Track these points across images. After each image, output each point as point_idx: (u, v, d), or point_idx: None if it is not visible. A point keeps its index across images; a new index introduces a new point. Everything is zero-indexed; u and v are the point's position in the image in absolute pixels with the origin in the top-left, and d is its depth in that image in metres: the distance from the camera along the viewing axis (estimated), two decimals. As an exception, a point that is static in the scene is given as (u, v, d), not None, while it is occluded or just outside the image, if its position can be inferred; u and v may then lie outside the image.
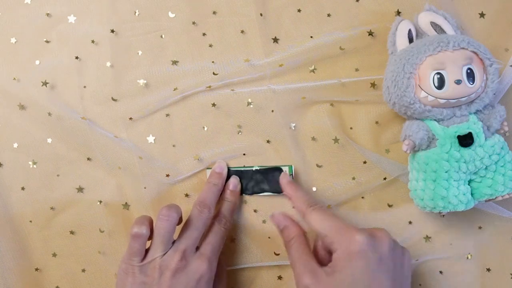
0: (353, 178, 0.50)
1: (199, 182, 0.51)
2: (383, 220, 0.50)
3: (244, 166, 0.51)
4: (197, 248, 0.46)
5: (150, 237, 0.45)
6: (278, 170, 0.50)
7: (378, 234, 0.42)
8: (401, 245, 0.43)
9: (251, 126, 0.51)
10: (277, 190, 0.50)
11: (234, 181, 0.50)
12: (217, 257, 0.46)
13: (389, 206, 0.50)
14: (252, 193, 0.51)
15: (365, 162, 0.50)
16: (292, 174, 0.50)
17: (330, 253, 0.42)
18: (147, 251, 0.44)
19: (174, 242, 0.45)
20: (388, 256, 0.40)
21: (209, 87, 0.50)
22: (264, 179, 0.51)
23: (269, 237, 0.51)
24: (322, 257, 0.44)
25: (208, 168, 0.51)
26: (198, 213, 0.46)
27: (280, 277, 0.51)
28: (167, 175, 0.51)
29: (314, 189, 0.51)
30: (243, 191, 0.51)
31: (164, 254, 0.43)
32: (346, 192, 0.50)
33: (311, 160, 0.51)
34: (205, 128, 0.51)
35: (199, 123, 0.51)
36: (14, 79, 0.51)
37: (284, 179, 0.49)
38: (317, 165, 0.51)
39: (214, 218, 0.48)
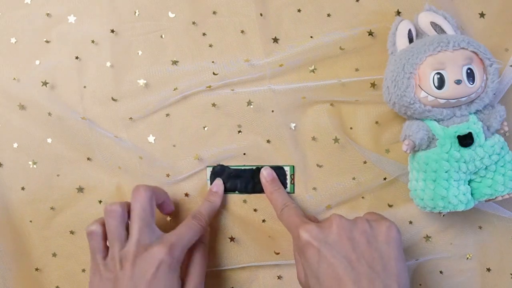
0: (353, 178, 0.50)
1: (199, 182, 0.51)
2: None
3: (244, 166, 0.51)
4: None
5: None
6: (278, 169, 0.50)
7: (325, 221, 0.43)
8: (376, 221, 0.43)
9: (251, 126, 0.51)
10: None
11: (217, 182, 0.51)
12: (183, 250, 0.45)
13: (389, 206, 0.51)
14: (252, 192, 0.51)
15: (365, 162, 0.50)
16: (293, 174, 0.50)
17: None
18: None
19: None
20: (337, 238, 0.41)
21: (209, 87, 0.50)
22: None
23: (269, 236, 0.51)
24: None
25: (208, 166, 0.51)
26: (134, 198, 0.45)
27: (280, 277, 0.51)
28: (167, 175, 0.51)
29: (314, 189, 0.51)
30: (243, 190, 0.51)
31: (121, 248, 0.43)
32: (346, 192, 0.50)
33: (311, 160, 0.51)
34: (205, 128, 0.51)
35: (199, 123, 0.51)
36: (14, 79, 0.51)
37: (263, 179, 0.50)
38: (317, 165, 0.51)
39: (191, 214, 0.48)
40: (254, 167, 0.51)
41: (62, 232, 0.52)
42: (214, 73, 0.50)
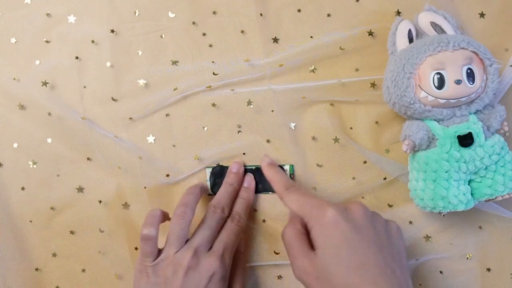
0: (353, 178, 0.50)
1: (199, 182, 0.51)
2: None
3: (244, 165, 0.51)
4: (211, 248, 0.46)
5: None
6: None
7: (351, 205, 0.42)
8: (384, 218, 0.43)
9: (251, 125, 0.51)
10: None
11: (248, 178, 0.50)
12: (231, 254, 0.46)
13: (389, 206, 0.51)
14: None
15: (365, 162, 0.50)
16: (293, 173, 0.50)
17: None
18: (161, 250, 0.45)
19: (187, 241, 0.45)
20: (365, 224, 0.40)
21: (209, 87, 0.50)
22: (263, 178, 0.50)
23: (269, 236, 0.51)
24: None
25: (207, 167, 0.51)
26: (211, 213, 0.47)
27: (279, 277, 0.51)
28: (167, 175, 0.51)
29: (314, 188, 0.51)
30: None
31: (177, 252, 0.44)
32: (346, 192, 0.50)
33: (311, 159, 0.51)
34: (205, 128, 0.51)
35: (199, 123, 0.51)
36: (14, 79, 0.51)
37: (264, 162, 0.49)
38: (317, 165, 0.51)
39: (228, 217, 0.48)
40: (253, 167, 0.51)
41: (62, 232, 0.52)
42: (214, 73, 0.50)
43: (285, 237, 0.43)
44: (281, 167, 0.50)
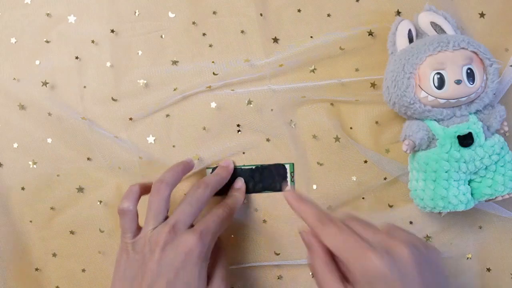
0: (354, 177, 0.50)
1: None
2: (384, 220, 0.50)
3: (243, 165, 0.51)
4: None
5: None
6: (277, 167, 0.50)
7: (395, 249, 0.37)
8: (424, 244, 0.39)
9: (250, 125, 0.51)
10: (276, 188, 0.50)
11: (239, 181, 0.51)
12: (213, 237, 0.44)
13: (390, 206, 0.51)
14: (252, 192, 0.51)
15: (365, 162, 0.50)
16: (293, 172, 0.50)
17: None
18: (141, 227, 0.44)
19: None
20: (412, 270, 0.36)
21: (209, 87, 0.50)
22: (263, 178, 0.51)
23: (270, 237, 0.51)
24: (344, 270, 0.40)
25: (208, 168, 0.51)
26: (193, 190, 0.45)
27: (280, 277, 0.51)
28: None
29: (314, 186, 0.51)
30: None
31: (154, 228, 0.43)
32: (347, 192, 0.50)
33: (312, 158, 0.51)
34: (205, 128, 0.51)
35: (199, 123, 0.51)
36: (14, 79, 0.51)
37: (289, 197, 0.43)
38: (318, 163, 0.50)
39: (216, 204, 0.47)
40: (253, 166, 0.51)
41: (62, 232, 0.52)
42: (214, 73, 0.50)
43: (315, 269, 0.40)
44: (282, 165, 0.50)
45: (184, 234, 0.42)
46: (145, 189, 0.46)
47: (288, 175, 0.50)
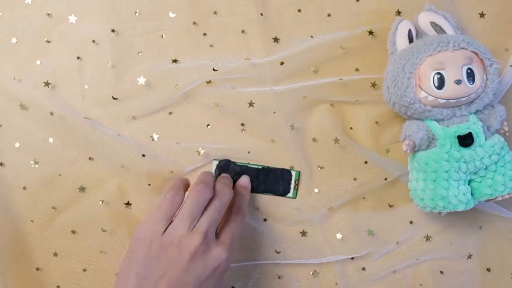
0: (355, 179, 0.50)
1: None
2: (384, 220, 0.51)
3: (248, 163, 0.51)
4: (217, 236, 0.43)
5: None
6: (283, 171, 0.50)
7: None
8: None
9: (253, 126, 0.51)
10: (279, 192, 0.51)
11: (245, 179, 0.50)
12: (235, 248, 0.44)
13: (390, 206, 0.51)
14: (255, 192, 0.51)
15: (366, 162, 0.50)
16: (298, 180, 0.50)
17: None
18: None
19: None
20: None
21: (209, 82, 0.50)
22: (267, 180, 0.51)
23: (270, 236, 0.51)
24: None
25: (214, 160, 0.51)
26: (221, 194, 0.44)
27: (280, 277, 0.51)
28: (171, 172, 0.51)
29: (316, 190, 0.51)
30: None
31: (187, 232, 0.41)
32: (348, 193, 0.50)
33: (313, 161, 0.51)
34: (209, 126, 0.51)
35: (202, 121, 0.51)
36: (15, 79, 0.51)
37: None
38: (319, 166, 0.51)
39: (229, 209, 0.46)
40: (260, 167, 0.51)
41: (64, 231, 0.52)
42: (214, 69, 0.50)
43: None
44: (288, 171, 0.50)
45: (215, 247, 0.41)
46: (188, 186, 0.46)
47: (293, 182, 0.50)
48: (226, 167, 0.51)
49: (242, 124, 0.51)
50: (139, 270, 0.40)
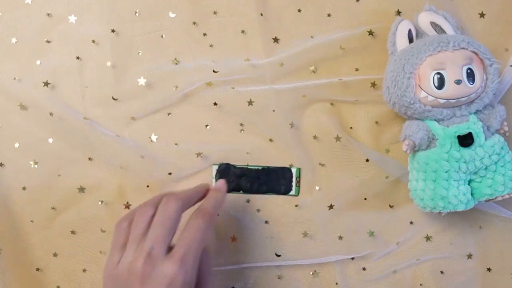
0: (356, 177, 0.50)
1: (204, 181, 0.51)
2: (385, 220, 0.51)
3: (248, 165, 0.51)
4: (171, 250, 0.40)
5: None
6: (284, 170, 0.50)
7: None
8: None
9: (252, 125, 0.51)
10: (281, 191, 0.50)
11: (219, 182, 0.47)
12: (196, 255, 0.39)
13: (391, 206, 0.51)
14: (256, 193, 0.51)
15: (367, 160, 0.50)
16: (299, 177, 0.50)
17: None
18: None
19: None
20: None
21: (209, 83, 0.50)
22: (269, 180, 0.51)
23: (271, 237, 0.51)
24: None
25: (214, 164, 0.51)
26: (163, 206, 0.40)
27: (280, 277, 0.51)
28: (170, 174, 0.51)
29: (317, 188, 0.51)
30: (247, 190, 0.51)
31: (132, 256, 0.39)
32: (349, 191, 0.50)
33: (314, 159, 0.51)
34: (207, 127, 0.51)
35: (201, 121, 0.51)
36: (15, 79, 0.51)
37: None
38: (320, 164, 0.51)
39: (193, 212, 0.42)
40: (260, 167, 0.51)
41: (63, 232, 0.52)
42: (214, 71, 0.50)
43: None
44: (288, 169, 0.50)
45: (163, 263, 0.38)
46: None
47: (294, 179, 0.50)
48: (226, 171, 0.51)
49: (241, 124, 0.51)
50: None
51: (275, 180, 0.51)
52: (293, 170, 0.50)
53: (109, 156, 0.51)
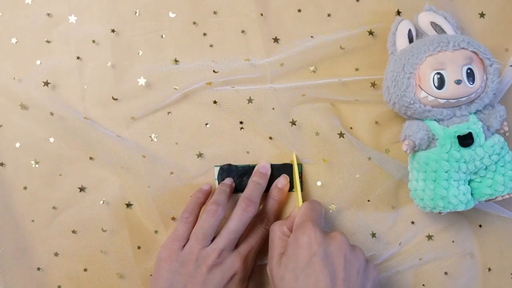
0: (357, 175, 0.50)
1: (205, 182, 0.51)
2: (386, 220, 0.51)
3: (250, 164, 0.51)
4: (237, 245, 0.47)
5: None
6: (286, 166, 0.50)
7: (333, 234, 0.43)
8: (366, 260, 0.44)
9: (252, 123, 0.51)
10: None
11: (283, 180, 0.50)
12: (254, 257, 0.48)
13: (392, 207, 0.51)
14: None
15: (369, 159, 0.50)
16: (301, 173, 0.50)
17: None
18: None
19: (214, 237, 0.46)
20: (337, 253, 0.41)
21: (209, 83, 0.50)
22: (272, 177, 0.51)
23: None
24: None
25: (216, 166, 0.51)
26: (241, 212, 0.46)
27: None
28: (171, 173, 0.51)
29: (318, 183, 0.51)
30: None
31: (202, 249, 0.45)
32: (350, 189, 0.50)
33: (315, 156, 0.51)
34: (207, 125, 0.51)
35: (201, 120, 0.51)
36: (15, 79, 0.51)
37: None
38: (321, 161, 0.51)
39: (256, 217, 0.49)
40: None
41: (64, 231, 0.52)
42: (214, 71, 0.50)
43: (271, 233, 0.46)
44: (290, 165, 0.50)
45: (231, 257, 0.45)
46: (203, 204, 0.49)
47: (297, 175, 0.50)
48: (228, 171, 0.51)
49: (241, 122, 0.51)
50: (163, 284, 0.44)
51: (278, 177, 0.51)
52: (295, 167, 0.50)
53: (110, 156, 0.51)
